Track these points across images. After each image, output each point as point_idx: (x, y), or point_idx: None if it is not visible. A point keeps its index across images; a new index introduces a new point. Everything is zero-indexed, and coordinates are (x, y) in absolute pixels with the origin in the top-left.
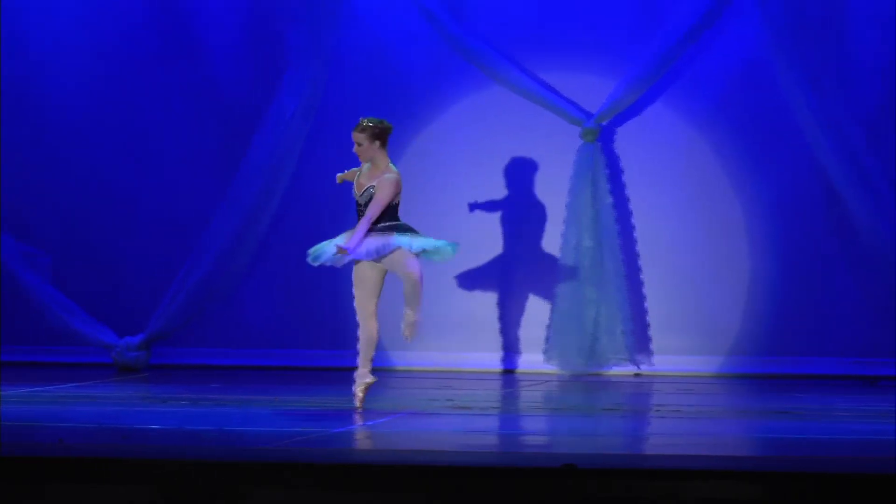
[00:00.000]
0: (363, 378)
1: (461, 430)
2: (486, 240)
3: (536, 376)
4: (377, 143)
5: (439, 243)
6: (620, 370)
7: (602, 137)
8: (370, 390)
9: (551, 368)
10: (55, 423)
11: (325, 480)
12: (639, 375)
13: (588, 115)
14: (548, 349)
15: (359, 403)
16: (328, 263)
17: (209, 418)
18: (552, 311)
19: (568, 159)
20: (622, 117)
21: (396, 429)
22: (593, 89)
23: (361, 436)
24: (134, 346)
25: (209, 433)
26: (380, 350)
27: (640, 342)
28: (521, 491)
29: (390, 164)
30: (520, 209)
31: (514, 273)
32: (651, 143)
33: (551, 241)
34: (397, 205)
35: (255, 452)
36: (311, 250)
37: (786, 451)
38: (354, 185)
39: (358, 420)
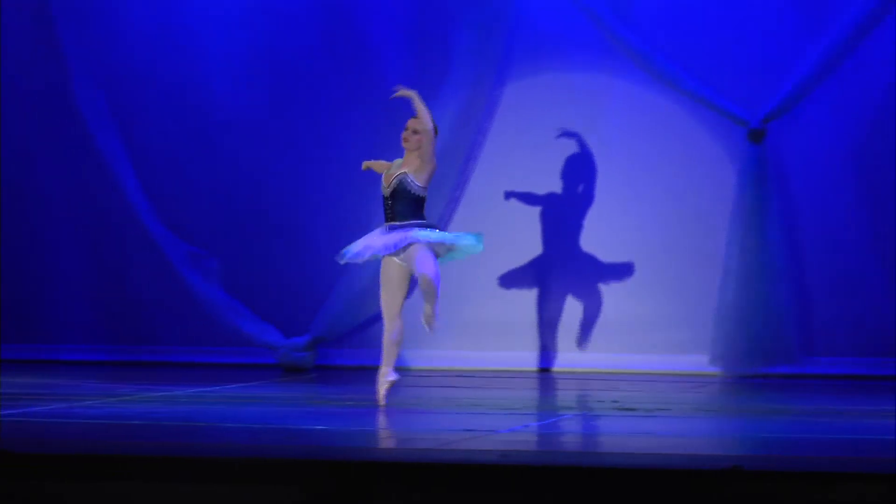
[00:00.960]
0: (385, 377)
1: (627, 431)
2: (647, 239)
3: (700, 378)
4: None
5: (460, 239)
6: (786, 371)
7: (768, 138)
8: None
9: (715, 370)
10: (223, 423)
11: (487, 481)
12: (804, 377)
13: (754, 116)
14: (712, 350)
15: (381, 402)
16: (353, 261)
17: (374, 419)
18: (716, 311)
19: (733, 160)
20: (789, 118)
21: (562, 430)
22: (759, 90)
23: (527, 437)
24: (300, 346)
25: (374, 434)
26: (547, 351)
27: (805, 343)
28: (687, 492)
29: None
30: (684, 210)
31: (679, 273)
32: (817, 144)
33: (716, 242)
34: (424, 199)
35: (420, 453)
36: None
37: None
38: (383, 180)
39: (524, 421)
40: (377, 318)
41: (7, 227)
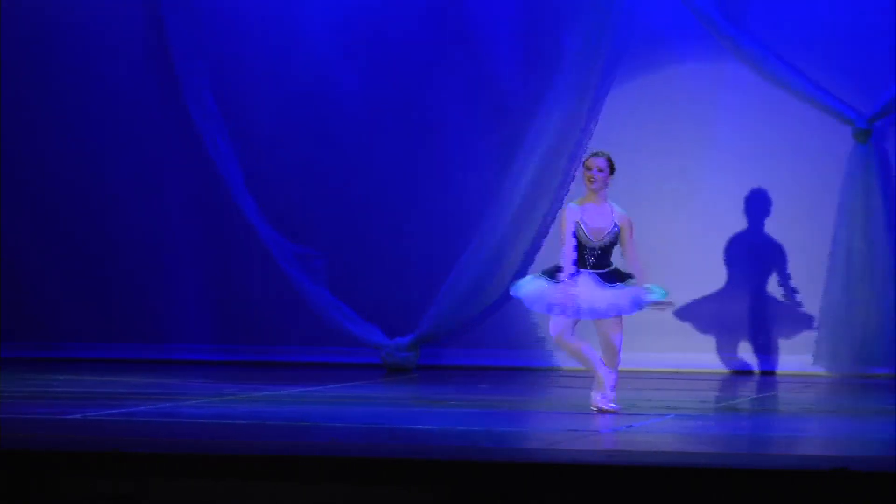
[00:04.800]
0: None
1: (729, 432)
2: (751, 238)
3: (803, 378)
4: (611, 177)
5: (656, 295)
6: (890, 371)
7: (874, 138)
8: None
9: (818, 370)
10: (327, 422)
11: (593, 480)
12: None
13: (860, 115)
14: (816, 350)
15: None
16: (565, 315)
17: (478, 419)
18: (821, 312)
19: (839, 160)
20: (895, 118)
21: (664, 430)
22: (866, 90)
23: (629, 436)
24: (404, 346)
25: (477, 434)
26: (651, 351)
27: None
28: (792, 494)
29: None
30: (789, 209)
31: (782, 272)
32: None
33: (821, 242)
34: None
35: (523, 453)
36: (524, 284)
37: None
38: (584, 229)
39: (626, 421)
40: (480, 318)
41: (122, 227)
